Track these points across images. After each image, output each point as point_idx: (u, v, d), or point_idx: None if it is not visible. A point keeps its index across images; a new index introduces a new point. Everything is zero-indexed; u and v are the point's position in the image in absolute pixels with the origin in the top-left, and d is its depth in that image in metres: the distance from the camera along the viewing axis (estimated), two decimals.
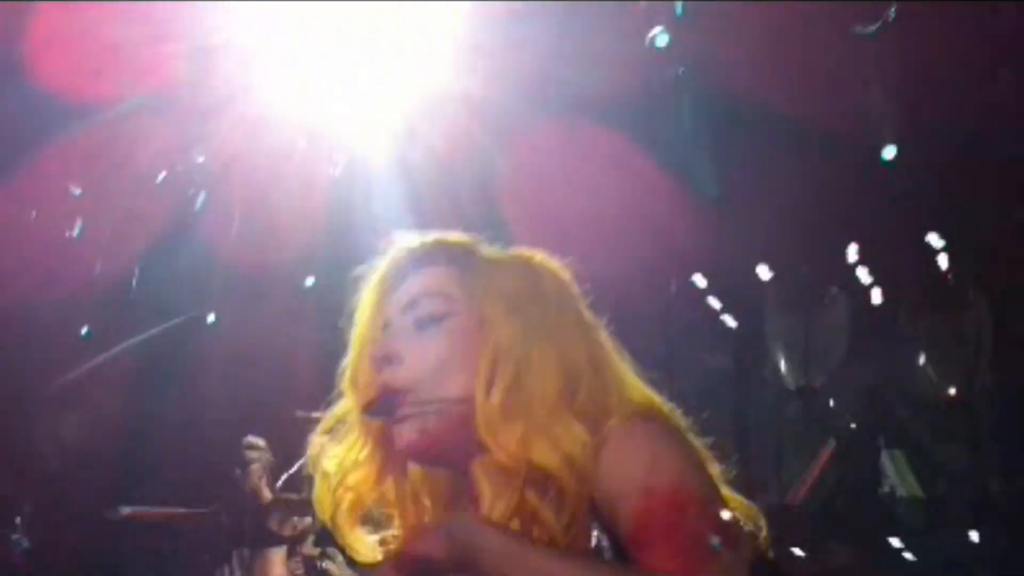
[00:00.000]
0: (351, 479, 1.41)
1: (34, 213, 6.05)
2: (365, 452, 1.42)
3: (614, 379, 1.39)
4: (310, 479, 1.45)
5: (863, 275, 6.91)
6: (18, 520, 7.49)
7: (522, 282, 1.42)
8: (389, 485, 1.42)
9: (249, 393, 6.82)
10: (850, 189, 5.89)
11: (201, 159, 5.29)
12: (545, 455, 1.27)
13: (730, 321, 7.30)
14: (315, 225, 5.54)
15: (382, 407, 1.36)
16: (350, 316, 1.48)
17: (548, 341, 1.36)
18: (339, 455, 1.42)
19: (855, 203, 6.15)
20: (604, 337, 1.46)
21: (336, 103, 5.07)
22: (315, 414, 1.48)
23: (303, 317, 6.27)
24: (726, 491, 1.38)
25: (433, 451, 1.35)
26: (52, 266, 6.21)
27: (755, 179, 6.09)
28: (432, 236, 1.48)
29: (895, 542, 6.17)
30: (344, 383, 1.45)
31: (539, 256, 1.50)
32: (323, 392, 1.51)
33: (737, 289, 7.20)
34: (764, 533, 1.39)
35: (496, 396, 1.31)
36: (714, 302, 7.16)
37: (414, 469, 1.42)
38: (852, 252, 6.79)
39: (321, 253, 5.94)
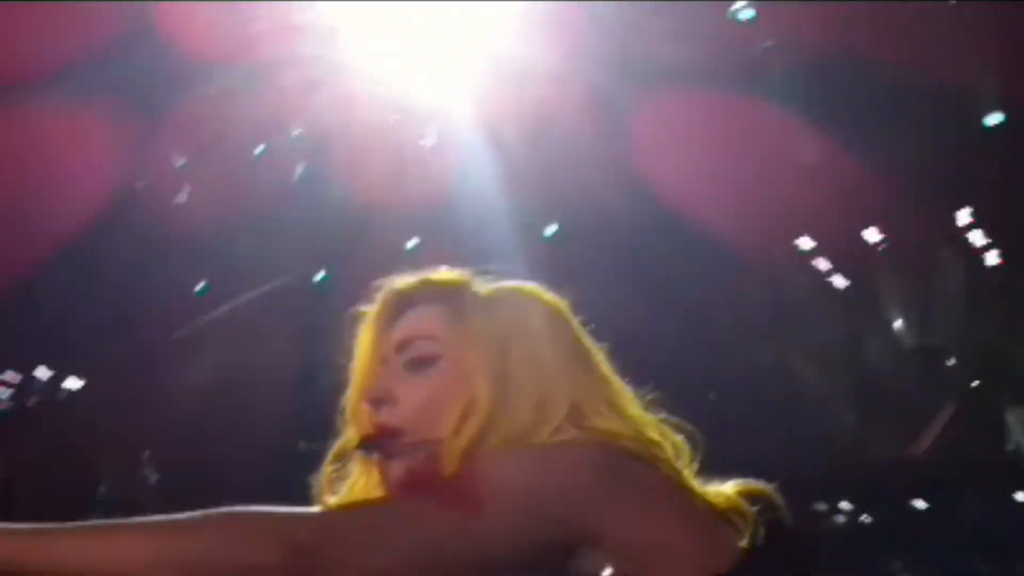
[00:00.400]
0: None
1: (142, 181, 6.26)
2: (368, 482, 1.50)
3: (593, 408, 1.42)
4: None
5: (977, 237, 6.75)
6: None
7: (508, 322, 1.46)
8: None
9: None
10: (957, 152, 5.71)
11: (297, 132, 5.40)
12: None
13: (842, 282, 7.21)
14: (409, 195, 5.61)
15: (376, 445, 1.45)
16: (349, 352, 1.55)
17: (526, 385, 1.41)
18: (347, 483, 1.51)
19: (965, 166, 5.97)
20: (598, 364, 1.49)
21: (426, 76, 5.12)
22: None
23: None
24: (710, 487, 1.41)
25: (419, 487, 1.42)
26: (163, 229, 6.47)
27: (864, 142, 5.95)
28: (424, 275, 1.53)
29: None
30: (346, 417, 1.53)
31: (532, 291, 1.53)
32: None
33: (849, 252, 7.09)
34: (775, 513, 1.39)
35: (461, 441, 1.39)
36: (824, 263, 7.06)
37: None
38: (965, 214, 6.61)
39: (419, 217, 6.08)
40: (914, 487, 6.74)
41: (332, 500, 1.49)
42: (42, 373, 8.70)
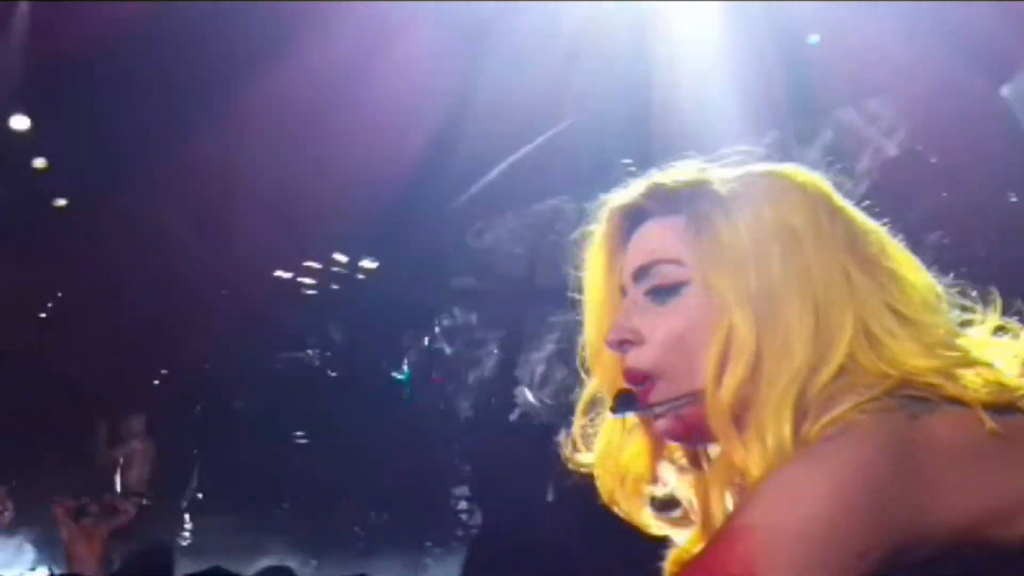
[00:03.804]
0: (624, 458, 1.29)
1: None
2: (624, 436, 1.30)
3: (885, 330, 1.14)
4: None
5: None
6: None
7: (762, 224, 1.17)
8: (676, 454, 1.30)
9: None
10: None
11: None
12: (755, 462, 1.12)
13: None
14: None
15: (627, 401, 1.24)
16: (577, 284, 1.31)
17: (794, 302, 1.14)
18: (604, 435, 1.31)
19: None
20: (888, 256, 1.19)
21: None
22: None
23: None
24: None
25: (693, 436, 1.22)
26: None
27: None
28: (652, 179, 1.25)
29: None
30: (588, 361, 1.31)
31: (784, 173, 1.23)
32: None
33: None
34: None
35: (725, 393, 1.14)
36: None
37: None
38: None
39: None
40: None
41: (586, 458, 1.31)
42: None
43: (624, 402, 1.23)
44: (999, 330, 1.18)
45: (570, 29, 6.21)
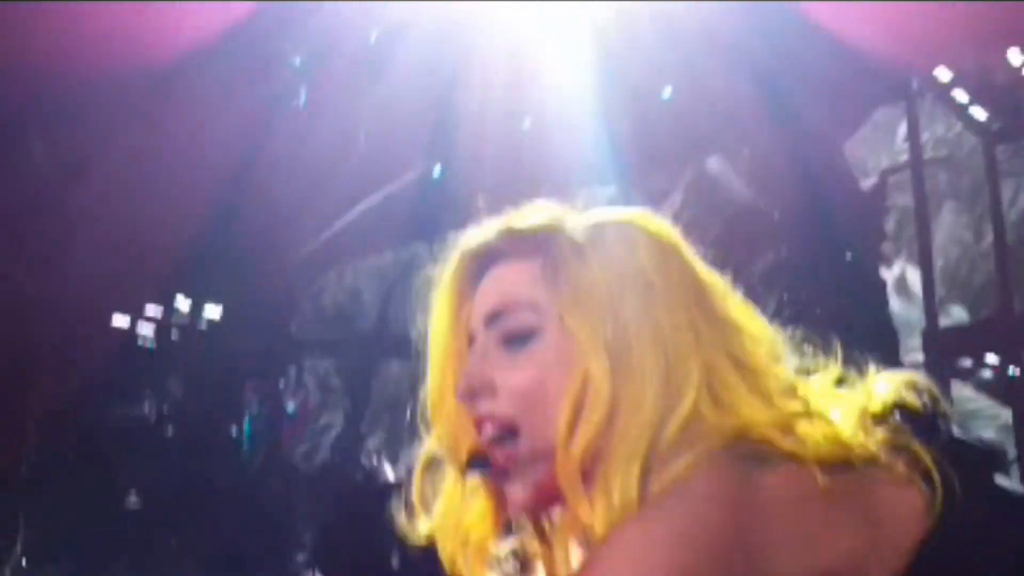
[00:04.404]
0: (466, 520, 1.22)
1: None
2: (467, 497, 1.22)
3: (726, 381, 1.12)
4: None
5: None
6: None
7: (614, 271, 1.14)
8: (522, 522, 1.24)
9: None
10: None
11: None
12: (600, 519, 1.08)
13: None
14: None
15: (479, 458, 1.16)
16: (423, 328, 1.22)
17: (647, 352, 1.11)
18: (444, 497, 1.23)
19: None
20: (730, 308, 1.18)
21: None
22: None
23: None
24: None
25: (547, 503, 1.17)
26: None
27: None
28: (506, 222, 1.20)
29: None
30: (430, 414, 1.21)
31: (638, 220, 1.20)
32: None
33: None
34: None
35: (578, 445, 1.10)
36: None
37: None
38: None
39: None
40: None
41: (424, 523, 1.23)
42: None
43: (479, 462, 1.16)
44: (840, 381, 1.17)
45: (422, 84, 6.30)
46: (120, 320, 8.63)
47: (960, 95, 6.14)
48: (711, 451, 1.05)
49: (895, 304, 7.08)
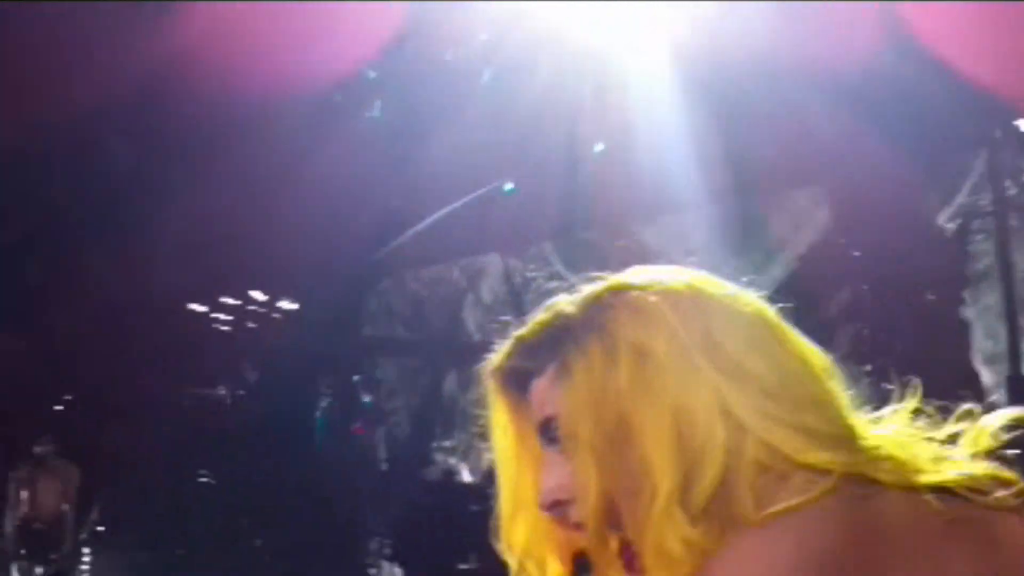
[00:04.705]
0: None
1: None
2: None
3: (761, 452, 1.07)
4: None
5: None
6: None
7: (606, 366, 1.11)
8: None
9: None
10: None
11: None
12: (659, 556, 1.06)
13: None
14: None
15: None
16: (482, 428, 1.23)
17: (647, 425, 1.08)
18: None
19: None
20: (758, 374, 1.10)
21: None
22: None
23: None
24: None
25: None
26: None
27: None
28: (517, 333, 1.19)
29: None
30: (510, 537, 1.21)
31: (622, 284, 1.15)
32: None
33: None
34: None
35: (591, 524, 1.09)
36: None
37: None
38: None
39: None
40: None
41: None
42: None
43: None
44: (917, 413, 1.12)
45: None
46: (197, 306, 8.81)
47: None
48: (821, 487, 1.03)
49: (978, 346, 7.02)
